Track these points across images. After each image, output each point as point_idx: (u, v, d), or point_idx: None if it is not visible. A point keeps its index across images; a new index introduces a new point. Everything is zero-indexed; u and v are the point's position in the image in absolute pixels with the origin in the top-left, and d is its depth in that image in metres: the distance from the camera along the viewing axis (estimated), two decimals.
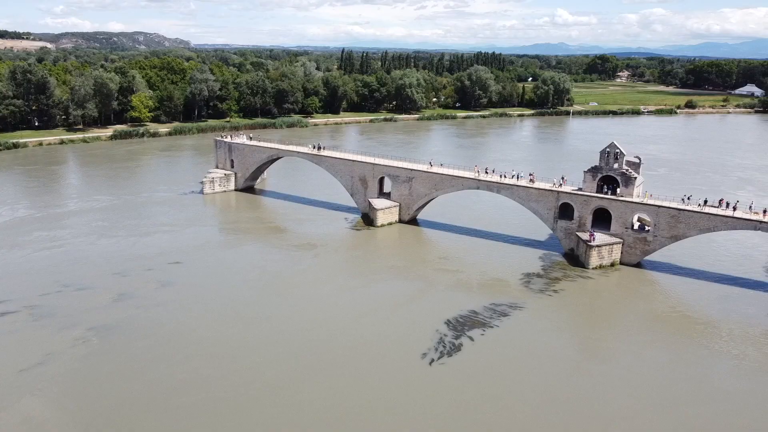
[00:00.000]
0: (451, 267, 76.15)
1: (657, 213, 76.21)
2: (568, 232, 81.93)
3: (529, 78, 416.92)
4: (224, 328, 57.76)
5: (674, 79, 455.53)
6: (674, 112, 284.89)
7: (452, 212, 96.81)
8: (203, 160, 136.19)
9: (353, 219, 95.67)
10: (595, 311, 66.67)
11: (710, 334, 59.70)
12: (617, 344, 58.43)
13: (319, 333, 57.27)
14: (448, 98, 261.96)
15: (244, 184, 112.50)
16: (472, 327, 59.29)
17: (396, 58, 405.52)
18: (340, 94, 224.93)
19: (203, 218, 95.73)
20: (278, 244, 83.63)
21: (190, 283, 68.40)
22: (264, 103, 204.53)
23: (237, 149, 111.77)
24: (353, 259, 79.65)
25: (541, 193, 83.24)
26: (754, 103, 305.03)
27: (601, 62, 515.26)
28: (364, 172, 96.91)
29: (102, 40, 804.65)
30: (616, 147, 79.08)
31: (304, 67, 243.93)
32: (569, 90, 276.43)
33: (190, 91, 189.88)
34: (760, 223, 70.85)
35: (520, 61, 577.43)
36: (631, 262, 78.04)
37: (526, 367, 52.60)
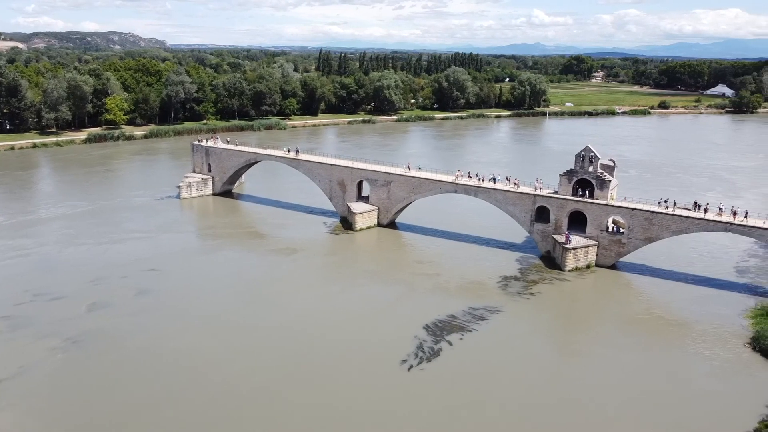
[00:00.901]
0: (429, 271, 76.55)
1: (631, 215, 77.46)
2: (545, 234, 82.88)
3: (506, 78, 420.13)
4: (202, 338, 57.34)
5: (648, 79, 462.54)
6: (648, 113, 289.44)
7: (431, 215, 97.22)
8: (180, 164, 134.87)
9: (332, 223, 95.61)
10: (572, 314, 67.58)
11: (684, 336, 60.83)
12: (594, 347, 59.29)
13: (298, 342, 57.11)
14: (426, 99, 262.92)
15: (221, 188, 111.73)
16: (450, 331, 59.69)
17: (374, 59, 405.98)
18: (318, 96, 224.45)
19: (180, 223, 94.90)
20: (256, 249, 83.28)
21: (167, 291, 67.76)
22: (241, 105, 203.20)
23: (214, 153, 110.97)
24: (332, 265, 79.60)
25: (518, 196, 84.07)
26: (725, 104, 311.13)
27: (577, 63, 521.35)
28: (342, 176, 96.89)
29: (75, 39, 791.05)
30: (591, 151, 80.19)
31: (282, 68, 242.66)
32: (545, 91, 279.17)
33: (166, 94, 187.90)
34: (730, 225, 72.43)
35: (497, 61, 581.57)
36: (606, 264, 79.23)
37: (505, 371, 53.13)
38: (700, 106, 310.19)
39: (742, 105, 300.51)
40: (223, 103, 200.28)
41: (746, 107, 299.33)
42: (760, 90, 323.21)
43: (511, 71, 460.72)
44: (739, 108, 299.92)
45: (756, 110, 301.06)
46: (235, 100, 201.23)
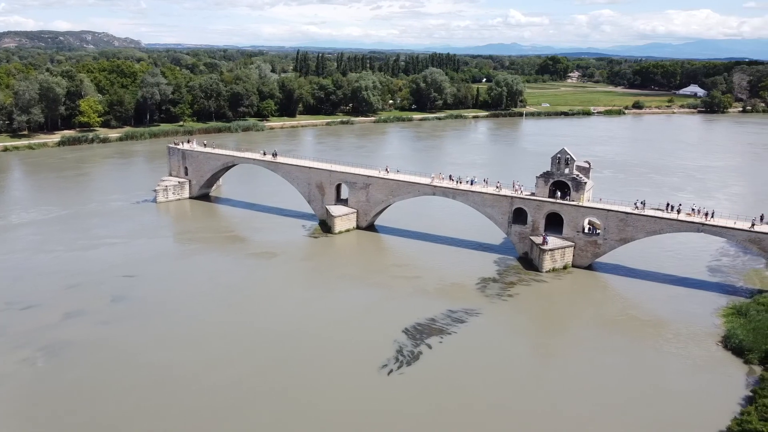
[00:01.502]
0: (408, 273, 76.81)
1: (607, 217, 78.61)
2: (522, 236, 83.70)
3: (484, 79, 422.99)
4: (179, 347, 56.79)
5: (622, 79, 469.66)
6: (622, 113, 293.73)
7: (410, 218, 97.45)
8: (156, 167, 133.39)
9: (311, 226, 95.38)
10: (550, 315, 68.38)
11: (659, 336, 61.89)
12: (572, 349, 60.05)
13: (277, 349, 56.82)
14: (404, 100, 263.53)
15: (198, 191, 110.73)
16: (430, 335, 59.99)
17: (352, 59, 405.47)
18: (296, 97, 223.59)
19: (157, 228, 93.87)
20: (235, 253, 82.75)
21: (144, 298, 66.96)
22: (218, 107, 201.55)
23: (191, 156, 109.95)
24: (311, 269, 79.38)
25: (496, 198, 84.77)
26: (697, 104, 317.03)
27: (553, 63, 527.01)
28: (320, 179, 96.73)
29: (47, 39, 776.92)
30: (567, 153, 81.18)
31: (259, 69, 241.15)
32: (522, 92, 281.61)
33: (141, 95, 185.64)
34: (702, 225, 73.91)
35: (474, 61, 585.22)
36: (583, 265, 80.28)
37: (484, 375, 53.51)
38: (673, 106, 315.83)
39: (714, 105, 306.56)
40: (199, 104, 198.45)
41: (717, 107, 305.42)
42: (731, 90, 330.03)
43: (488, 71, 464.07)
44: (711, 108, 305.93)
45: (727, 110, 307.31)
46: (212, 102, 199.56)
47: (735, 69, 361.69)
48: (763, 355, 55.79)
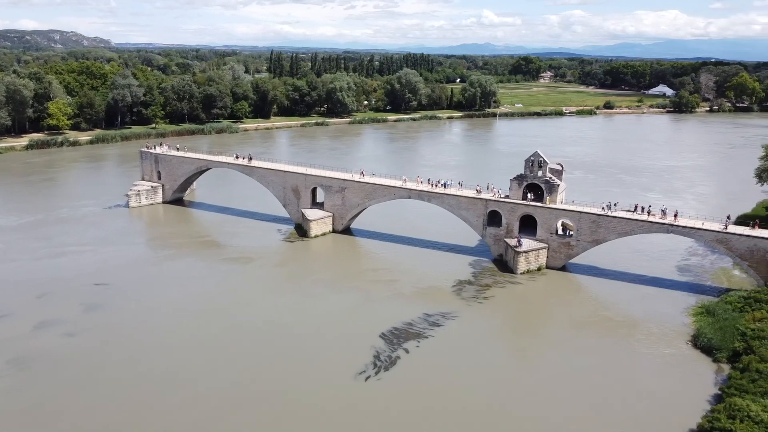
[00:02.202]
0: (385, 277, 77.04)
1: (579, 218, 79.89)
2: (497, 238, 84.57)
3: (458, 79, 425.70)
4: (154, 357, 56.01)
5: (593, 79, 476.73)
6: (594, 113, 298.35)
7: (386, 220, 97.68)
8: (128, 171, 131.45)
9: (286, 230, 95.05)
10: (525, 318, 69.28)
11: (631, 336, 63.08)
12: (547, 351, 60.79)
13: (253, 357, 56.40)
14: (379, 101, 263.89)
15: (172, 196, 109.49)
16: (407, 339, 60.30)
17: (326, 60, 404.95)
18: (270, 99, 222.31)
19: (130, 234, 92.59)
20: (210, 259, 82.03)
21: (117, 307, 65.98)
22: (191, 109, 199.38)
23: (164, 160, 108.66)
24: (287, 274, 79.02)
25: (471, 201, 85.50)
26: (666, 104, 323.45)
27: (525, 63, 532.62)
28: (296, 183, 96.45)
29: (14, 38, 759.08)
30: (540, 156, 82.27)
31: (233, 70, 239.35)
32: (495, 92, 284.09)
33: (112, 97, 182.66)
34: (671, 226, 75.57)
35: (448, 61, 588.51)
36: (557, 266, 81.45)
37: (461, 378, 53.93)
38: (643, 106, 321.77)
39: (682, 105, 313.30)
40: (172, 106, 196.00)
41: (685, 107, 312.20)
42: (698, 90, 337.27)
43: (462, 72, 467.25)
44: (679, 108, 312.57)
45: (694, 110, 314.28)
46: (185, 104, 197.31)
47: (702, 69, 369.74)
48: (731, 354, 57.26)
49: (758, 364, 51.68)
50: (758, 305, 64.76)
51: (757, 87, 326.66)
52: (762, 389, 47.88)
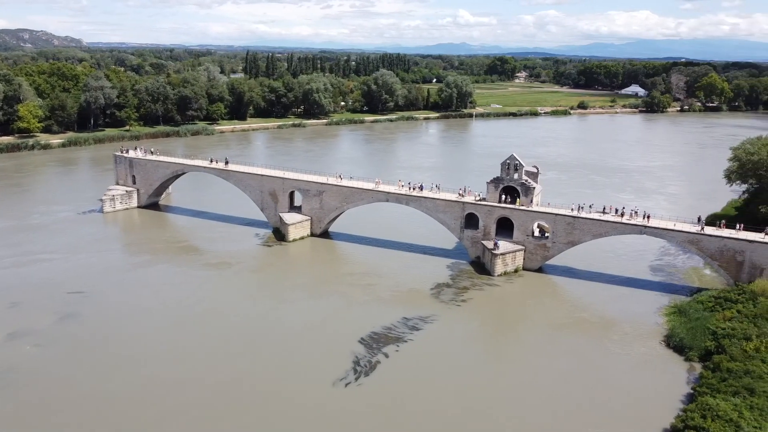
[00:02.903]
0: (363, 281, 77.21)
1: (555, 220, 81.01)
2: (474, 240, 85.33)
3: (434, 79, 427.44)
4: (131, 369, 55.16)
5: (568, 79, 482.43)
6: (568, 113, 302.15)
7: (364, 223, 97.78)
8: (102, 175, 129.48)
9: (264, 234, 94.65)
10: (503, 320, 70.06)
11: (606, 337, 64.15)
12: (524, 353, 61.64)
13: (233, 365, 56.00)
14: (356, 102, 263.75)
15: (147, 200, 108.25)
16: (386, 343, 60.58)
17: (302, 60, 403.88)
18: (246, 100, 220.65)
19: (105, 240, 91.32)
20: (187, 265, 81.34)
21: (93, 315, 65.10)
22: (166, 111, 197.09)
23: (139, 164, 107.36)
24: (265, 279, 78.67)
25: (448, 204, 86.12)
26: (638, 104, 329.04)
27: (501, 63, 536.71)
28: (273, 187, 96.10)
29: None
30: (516, 159, 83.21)
31: (208, 71, 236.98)
32: (472, 93, 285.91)
33: (84, 99, 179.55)
34: (644, 228, 77.07)
35: (424, 61, 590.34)
36: (533, 268, 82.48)
37: (440, 382, 54.31)
38: (616, 106, 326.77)
39: (654, 105, 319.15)
40: (146, 108, 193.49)
41: (657, 107, 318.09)
42: (669, 90, 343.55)
43: (438, 72, 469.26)
44: (651, 108, 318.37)
45: (666, 110, 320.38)
46: (159, 105, 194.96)
47: (673, 70, 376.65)
48: (702, 353, 58.68)
49: (728, 364, 53.01)
50: (728, 305, 66.40)
51: (726, 87, 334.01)
52: (732, 388, 49.13)
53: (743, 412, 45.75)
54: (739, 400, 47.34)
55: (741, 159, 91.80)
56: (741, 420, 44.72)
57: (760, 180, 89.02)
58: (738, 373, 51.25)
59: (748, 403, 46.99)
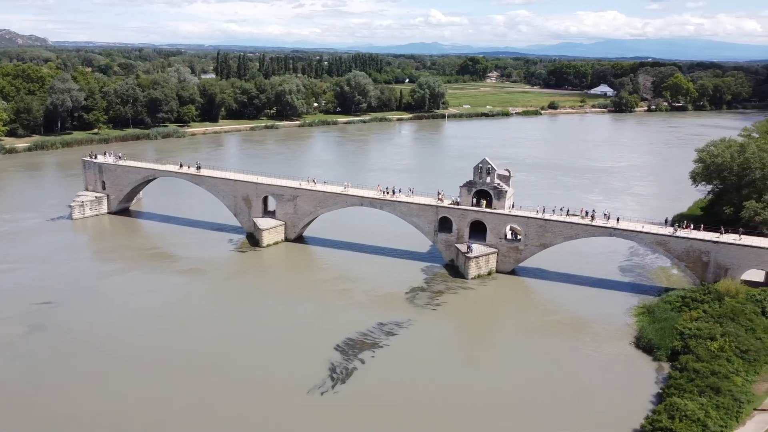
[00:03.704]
0: (338, 286, 77.30)
1: (527, 223, 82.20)
2: (448, 244, 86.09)
3: (406, 79, 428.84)
4: (102, 382, 54.34)
5: (538, 79, 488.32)
6: (539, 113, 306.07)
7: (339, 228, 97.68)
8: (71, 180, 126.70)
9: (238, 240, 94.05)
10: (477, 324, 70.92)
11: (578, 339, 65.38)
12: (498, 357, 62.49)
13: (206, 376, 55.57)
14: (329, 103, 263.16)
15: (118, 206, 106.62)
16: (362, 349, 60.82)
17: (274, 60, 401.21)
18: (218, 102, 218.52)
19: (75, 248, 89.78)
20: (159, 272, 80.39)
21: (63, 327, 63.96)
22: (136, 113, 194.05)
23: (108, 170, 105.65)
24: (239, 286, 78.09)
25: (422, 208, 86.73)
26: (607, 104, 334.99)
27: (472, 63, 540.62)
28: (247, 192, 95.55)
29: None
30: (488, 163, 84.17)
31: (178, 72, 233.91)
32: (444, 94, 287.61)
33: (51, 102, 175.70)
34: (614, 230, 78.70)
35: (397, 61, 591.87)
36: (506, 270, 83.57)
37: (417, 388, 54.79)
38: (585, 106, 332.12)
39: (622, 105, 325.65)
40: (115, 111, 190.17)
41: (625, 107, 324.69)
42: (637, 90, 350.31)
43: (411, 72, 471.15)
44: (619, 107, 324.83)
45: (633, 109, 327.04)
46: (129, 108, 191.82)
47: (640, 70, 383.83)
48: (670, 353, 60.24)
49: (695, 364, 54.51)
50: (695, 305, 68.26)
51: (691, 87, 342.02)
52: (699, 388, 50.58)
53: (710, 411, 47.20)
54: (706, 399, 48.79)
55: (705, 161, 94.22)
56: (708, 419, 46.12)
57: (724, 181, 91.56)
58: (704, 373, 52.73)
59: (714, 402, 48.48)
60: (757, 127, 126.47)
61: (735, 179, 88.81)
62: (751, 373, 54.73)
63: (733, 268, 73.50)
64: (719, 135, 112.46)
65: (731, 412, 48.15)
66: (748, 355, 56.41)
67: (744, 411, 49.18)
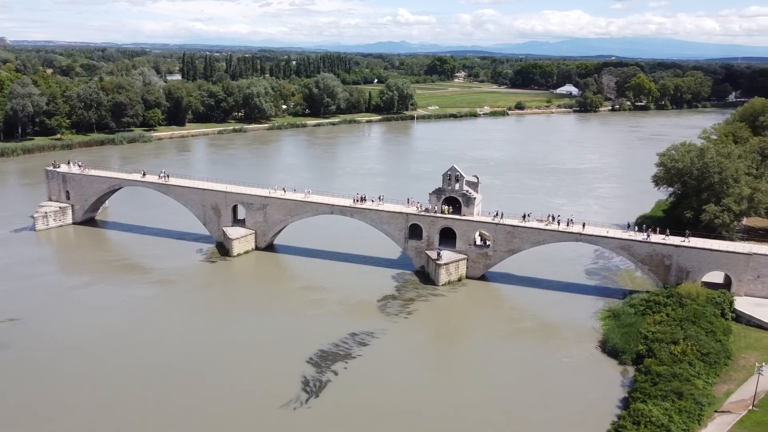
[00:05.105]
0: (310, 296, 77.25)
1: (495, 230, 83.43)
2: (419, 250, 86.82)
3: (375, 79, 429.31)
4: (67, 402, 53.59)
5: (505, 79, 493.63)
6: (506, 114, 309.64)
7: (310, 235, 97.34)
8: (33, 188, 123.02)
9: (207, 249, 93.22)
10: (448, 331, 71.74)
11: (547, 343, 66.75)
12: (469, 363, 63.41)
13: (175, 393, 55.26)
14: (297, 106, 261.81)
15: (83, 216, 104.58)
16: (335, 361, 61.06)
17: (242, 61, 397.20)
18: (184, 105, 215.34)
19: (39, 261, 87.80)
20: (126, 285, 79.10)
21: (28, 345, 62.67)
22: (100, 118, 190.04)
23: (72, 180, 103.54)
24: (209, 298, 77.29)
25: (392, 215, 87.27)
26: (572, 104, 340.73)
27: (440, 63, 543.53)
28: (216, 201, 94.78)
29: None
30: (457, 170, 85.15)
31: (143, 75, 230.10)
32: (412, 95, 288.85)
33: (10, 107, 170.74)
34: (580, 235, 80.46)
35: (365, 61, 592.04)
36: (476, 276, 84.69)
37: (390, 398, 55.35)
38: (552, 106, 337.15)
39: (587, 105, 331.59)
40: (78, 115, 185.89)
41: (590, 107, 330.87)
42: (601, 90, 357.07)
43: (379, 72, 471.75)
44: (584, 107, 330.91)
45: (598, 109, 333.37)
46: (92, 112, 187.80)
47: (604, 70, 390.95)
48: (635, 356, 61.96)
49: (658, 367, 56.25)
50: (658, 308, 70.23)
51: (653, 87, 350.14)
52: (662, 392, 52.22)
53: (673, 416, 48.83)
54: (669, 404, 50.40)
55: (666, 165, 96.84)
56: (671, 424, 47.72)
57: (684, 185, 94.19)
58: (667, 377, 54.46)
59: (677, 406, 50.13)
60: (716, 129, 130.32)
61: (695, 183, 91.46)
62: (711, 375, 56.78)
63: (694, 270, 75.95)
64: (679, 134, 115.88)
65: (693, 416, 49.84)
66: (708, 357, 58.46)
67: (705, 413, 51.01)
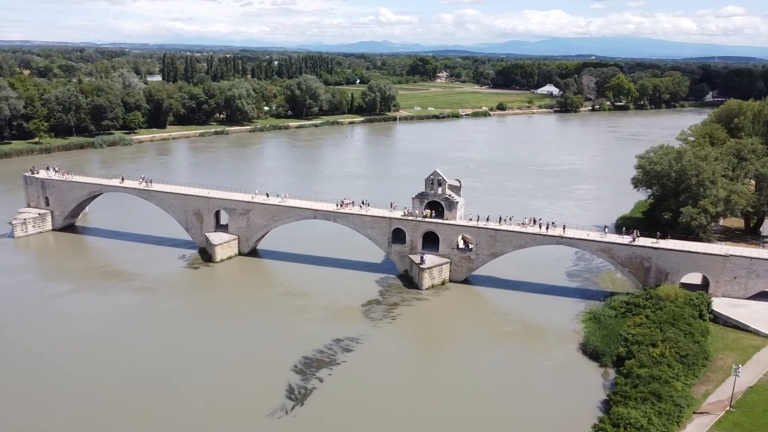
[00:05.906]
0: (293, 303, 77.24)
1: (478, 233, 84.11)
2: (402, 255, 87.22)
3: (357, 80, 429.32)
4: (45, 414, 53.13)
5: (486, 79, 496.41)
6: (488, 115, 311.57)
7: (294, 240, 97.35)
8: (11, 194, 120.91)
9: (190, 255, 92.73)
10: (432, 336, 72.15)
11: (529, 347, 67.50)
12: (452, 369, 63.67)
13: (158, 409, 54.70)
14: (279, 107, 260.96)
15: (63, 222, 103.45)
16: (320, 368, 61.16)
17: (223, 61, 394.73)
18: (165, 108, 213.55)
19: (17, 268, 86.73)
20: (108, 293, 78.41)
21: (5, 354, 62.02)
22: (79, 121, 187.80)
23: (52, 186, 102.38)
24: (192, 306, 76.82)
25: (375, 220, 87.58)
26: (553, 104, 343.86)
27: (422, 64, 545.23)
28: (198, 206, 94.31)
29: None
30: (439, 175, 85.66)
31: (123, 77, 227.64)
32: (395, 96, 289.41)
33: None
34: (561, 238, 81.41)
35: (347, 61, 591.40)
36: (459, 279, 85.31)
37: (374, 404, 55.77)
38: (533, 107, 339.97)
39: (567, 105, 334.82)
40: (57, 119, 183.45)
41: (570, 107, 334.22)
42: (581, 91, 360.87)
43: (361, 72, 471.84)
44: (565, 107, 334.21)
45: (578, 109, 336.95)
46: (71, 116, 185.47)
47: (584, 71, 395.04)
48: (615, 359, 62.91)
49: (638, 370, 57.18)
50: (637, 310, 71.33)
51: (632, 87, 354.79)
52: (642, 394, 53.11)
53: (652, 418, 49.70)
54: (648, 406, 51.29)
55: (645, 167, 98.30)
56: (651, 426, 48.60)
57: (663, 187, 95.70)
58: (646, 379, 55.37)
59: (656, 409, 51.03)
60: (693, 131, 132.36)
61: (673, 185, 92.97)
62: (690, 376, 57.84)
63: (673, 272, 77.27)
64: (657, 134, 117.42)
65: (672, 417, 50.78)
66: (687, 359, 59.55)
67: (684, 415, 51.97)
